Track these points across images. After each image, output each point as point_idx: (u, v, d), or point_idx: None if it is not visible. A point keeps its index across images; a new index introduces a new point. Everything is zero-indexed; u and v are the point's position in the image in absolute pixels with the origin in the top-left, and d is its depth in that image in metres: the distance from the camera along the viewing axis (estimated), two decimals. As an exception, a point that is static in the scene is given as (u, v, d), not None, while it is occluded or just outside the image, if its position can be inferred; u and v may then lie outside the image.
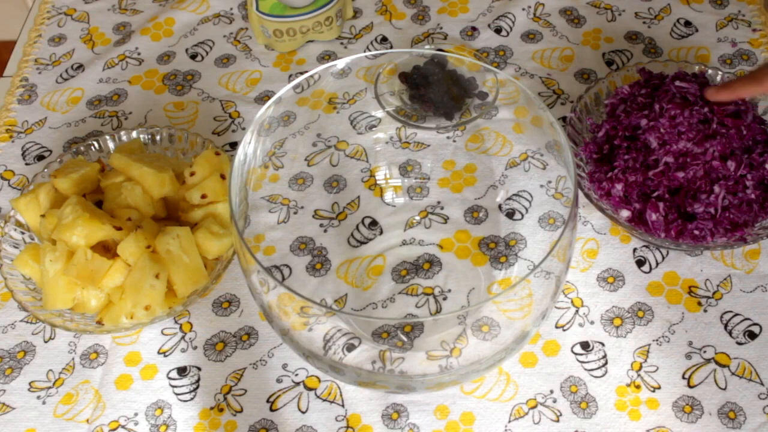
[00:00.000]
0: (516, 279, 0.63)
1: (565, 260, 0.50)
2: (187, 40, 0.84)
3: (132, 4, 0.89)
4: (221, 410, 0.58)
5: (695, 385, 0.58)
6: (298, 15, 0.78)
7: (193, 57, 0.83)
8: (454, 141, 0.72)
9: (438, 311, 0.62)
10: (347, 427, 0.57)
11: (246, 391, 0.59)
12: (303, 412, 0.58)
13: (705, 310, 0.62)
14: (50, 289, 0.59)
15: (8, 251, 0.63)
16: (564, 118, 0.72)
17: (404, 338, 0.57)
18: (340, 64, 0.58)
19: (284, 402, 0.59)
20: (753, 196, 0.62)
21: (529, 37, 0.82)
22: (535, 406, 0.58)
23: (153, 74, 0.81)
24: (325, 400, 0.58)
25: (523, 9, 0.84)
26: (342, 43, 0.83)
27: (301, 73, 0.80)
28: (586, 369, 0.59)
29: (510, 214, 0.67)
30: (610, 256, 0.65)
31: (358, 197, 0.69)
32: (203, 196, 0.63)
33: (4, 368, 0.61)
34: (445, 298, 0.63)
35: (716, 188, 0.61)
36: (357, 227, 0.67)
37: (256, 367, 0.60)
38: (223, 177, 0.65)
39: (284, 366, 0.60)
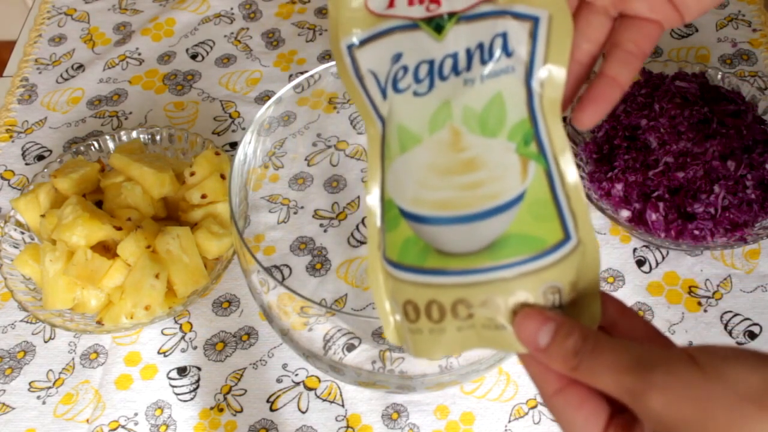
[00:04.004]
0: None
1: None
2: (187, 40, 0.84)
3: (132, 4, 0.89)
4: (221, 410, 0.58)
5: (695, 385, 0.58)
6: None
7: (194, 57, 0.83)
8: (454, 141, 0.71)
9: (438, 311, 0.62)
10: (347, 427, 0.57)
11: (246, 391, 0.59)
12: (303, 412, 0.58)
13: (705, 310, 0.62)
14: (50, 289, 0.59)
15: (8, 251, 0.63)
16: (564, 119, 0.72)
17: (404, 338, 0.57)
18: (340, 64, 0.58)
19: (284, 402, 0.59)
20: (753, 196, 0.62)
21: (529, 37, 0.82)
22: (535, 406, 0.58)
23: (153, 74, 0.81)
24: (325, 400, 0.58)
25: (523, 9, 0.84)
26: (342, 43, 0.83)
27: (302, 73, 0.80)
28: (586, 369, 0.59)
29: (510, 214, 0.67)
30: (610, 256, 0.65)
31: (358, 197, 0.69)
32: (203, 196, 0.63)
33: (4, 368, 0.61)
34: (445, 298, 0.63)
35: (716, 188, 0.61)
36: (357, 227, 0.67)
37: (256, 367, 0.60)
38: (223, 177, 0.65)
39: (284, 366, 0.60)
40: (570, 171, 0.35)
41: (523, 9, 0.36)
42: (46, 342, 0.63)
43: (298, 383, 0.59)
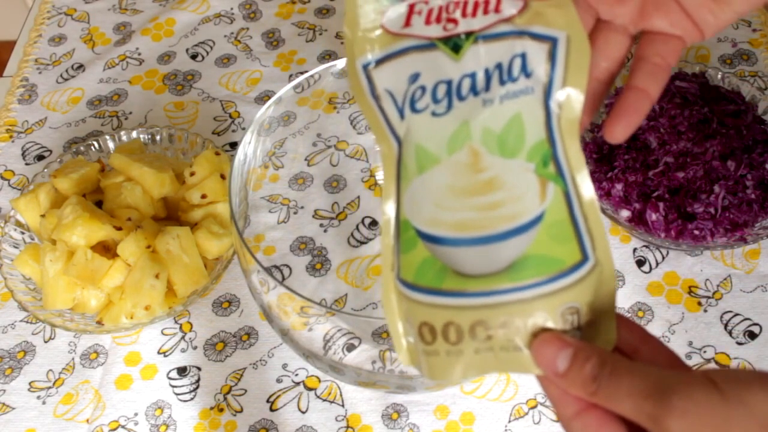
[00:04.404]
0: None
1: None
2: (187, 40, 0.84)
3: (132, 4, 0.89)
4: (221, 410, 0.58)
5: (695, 385, 0.58)
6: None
7: (194, 57, 0.83)
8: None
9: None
10: (347, 427, 0.57)
11: (246, 391, 0.59)
12: (303, 412, 0.58)
13: (705, 310, 0.62)
14: (50, 289, 0.59)
15: (8, 251, 0.63)
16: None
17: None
18: (340, 64, 0.58)
19: (284, 402, 0.59)
20: (753, 196, 0.62)
21: (529, 37, 0.82)
22: (535, 406, 0.58)
23: (153, 74, 0.81)
24: (325, 400, 0.58)
25: (523, 9, 0.84)
26: (342, 43, 0.83)
27: (302, 73, 0.80)
28: (586, 369, 0.59)
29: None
30: (610, 256, 0.65)
31: (358, 197, 0.69)
32: (203, 196, 0.63)
33: (4, 368, 0.61)
34: (445, 298, 0.63)
35: (716, 188, 0.61)
36: (357, 227, 0.67)
37: (256, 367, 0.60)
38: (223, 177, 0.65)
39: (284, 366, 0.60)
40: (587, 191, 0.35)
41: (542, 30, 0.36)
42: (46, 342, 0.63)
43: (298, 383, 0.59)
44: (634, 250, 0.65)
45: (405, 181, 0.36)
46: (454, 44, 0.37)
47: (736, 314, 0.61)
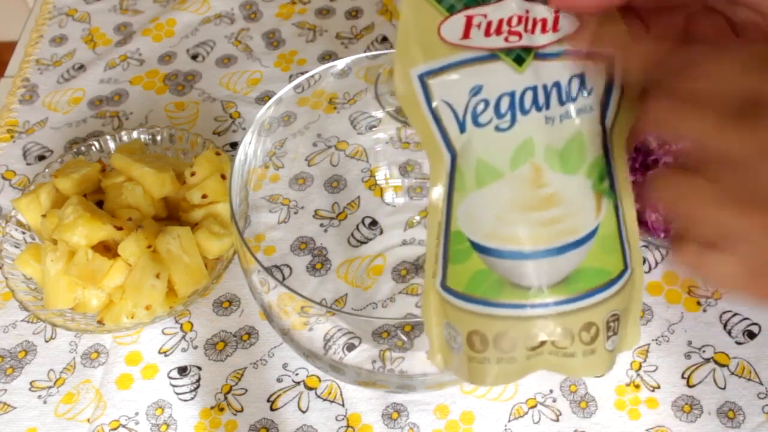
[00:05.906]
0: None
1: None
2: (188, 41, 0.84)
3: (133, 4, 0.89)
4: (222, 410, 0.59)
5: (694, 385, 0.58)
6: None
7: (194, 57, 0.83)
8: (454, 141, 0.72)
9: (438, 311, 0.62)
10: (347, 426, 0.57)
11: (246, 390, 0.59)
12: (303, 412, 0.58)
13: (704, 310, 0.62)
14: (51, 289, 0.60)
15: (9, 251, 0.64)
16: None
17: (404, 338, 0.57)
18: (340, 64, 0.58)
19: (284, 401, 0.59)
20: (752, 196, 0.62)
21: (529, 37, 0.82)
22: (534, 406, 0.58)
23: (154, 74, 0.81)
24: (325, 400, 0.59)
25: (523, 9, 0.84)
26: (342, 43, 0.83)
27: (302, 73, 0.80)
28: (585, 368, 0.59)
29: (510, 214, 0.67)
30: (610, 255, 0.65)
31: (358, 197, 0.69)
32: (204, 196, 0.64)
33: (6, 368, 0.61)
34: (445, 298, 0.63)
35: (716, 188, 0.61)
36: (357, 227, 0.67)
37: (257, 367, 0.60)
38: (223, 177, 0.65)
39: (284, 365, 0.60)
40: (629, 203, 0.37)
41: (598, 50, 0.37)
42: (47, 342, 0.63)
43: (298, 383, 0.60)
44: (634, 249, 0.65)
45: (459, 193, 0.37)
46: (517, 56, 0.37)
47: (735, 314, 0.61)
